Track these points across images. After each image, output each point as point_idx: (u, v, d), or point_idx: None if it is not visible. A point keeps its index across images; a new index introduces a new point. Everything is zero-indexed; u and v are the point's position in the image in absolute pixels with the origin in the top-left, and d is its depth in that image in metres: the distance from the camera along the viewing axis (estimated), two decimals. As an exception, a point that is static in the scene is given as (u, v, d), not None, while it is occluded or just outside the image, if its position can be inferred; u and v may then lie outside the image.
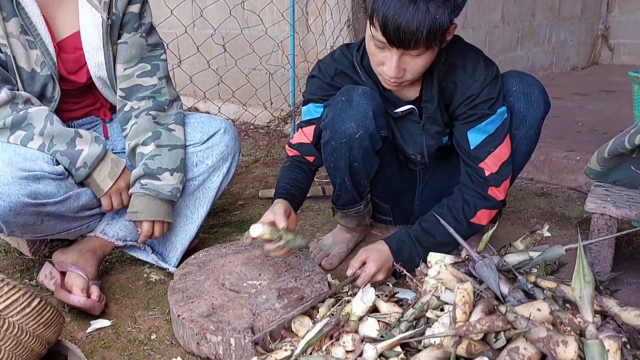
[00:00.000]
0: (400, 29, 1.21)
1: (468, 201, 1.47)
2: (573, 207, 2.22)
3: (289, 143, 1.66)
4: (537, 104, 1.47)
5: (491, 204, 1.47)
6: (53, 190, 1.35)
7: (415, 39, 1.23)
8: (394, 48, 1.27)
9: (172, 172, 1.52)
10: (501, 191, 1.47)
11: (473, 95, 1.41)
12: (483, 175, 1.45)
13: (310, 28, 3.13)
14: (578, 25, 5.35)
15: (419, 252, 1.46)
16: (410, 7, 1.19)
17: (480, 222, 1.47)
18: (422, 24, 1.20)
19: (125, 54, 1.58)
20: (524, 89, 1.47)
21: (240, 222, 2.07)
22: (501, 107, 1.42)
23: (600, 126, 3.05)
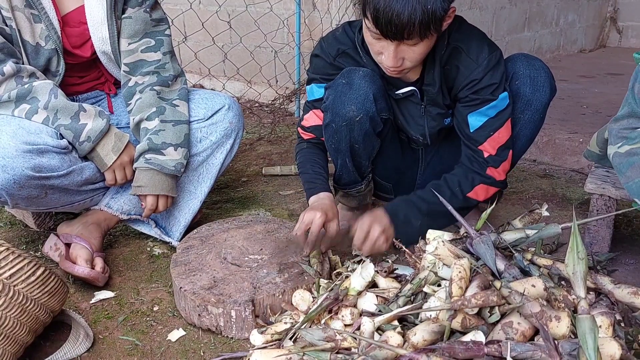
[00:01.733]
0: (392, 21, 1.21)
1: (466, 175, 1.48)
2: (574, 188, 2.22)
3: (301, 126, 1.65)
4: (543, 88, 1.47)
5: (489, 180, 1.48)
6: (57, 163, 1.37)
7: (409, 31, 1.22)
8: (390, 39, 1.27)
9: (176, 147, 1.54)
10: (500, 172, 1.48)
11: (475, 80, 1.40)
12: (482, 157, 1.46)
13: (316, 6, 3.11)
14: (586, 7, 5.29)
15: (415, 214, 1.46)
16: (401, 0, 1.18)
17: (477, 197, 1.48)
18: (414, 15, 1.20)
19: (129, 28, 1.58)
20: (531, 72, 1.46)
21: (244, 199, 2.09)
22: (503, 93, 1.42)
23: (604, 108, 3.04)
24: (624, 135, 1.35)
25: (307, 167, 1.59)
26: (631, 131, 1.34)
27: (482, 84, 1.40)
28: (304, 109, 1.66)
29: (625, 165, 1.33)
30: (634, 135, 1.33)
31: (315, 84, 1.58)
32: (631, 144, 1.33)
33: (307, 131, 1.64)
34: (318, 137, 1.63)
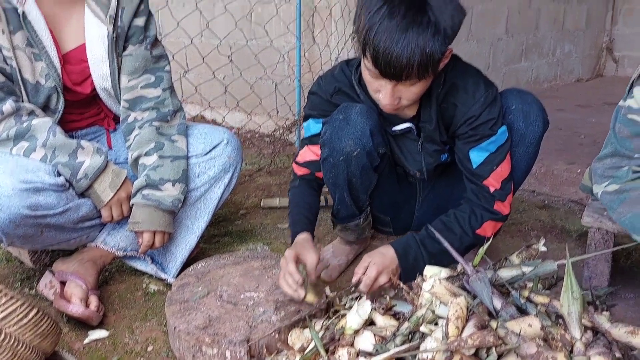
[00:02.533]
0: (391, 63, 1.22)
1: (475, 212, 1.48)
2: (574, 219, 2.22)
3: (296, 161, 1.66)
4: (536, 122, 1.48)
5: (497, 217, 1.49)
6: (53, 201, 1.37)
7: (407, 72, 1.24)
8: (388, 79, 1.28)
9: (174, 183, 1.54)
10: (506, 205, 1.50)
11: (473, 117, 1.42)
12: (489, 192, 1.47)
13: (315, 40, 3.15)
14: (582, 38, 5.35)
15: (424, 257, 1.46)
16: (400, 41, 1.20)
17: (485, 233, 1.48)
18: (413, 58, 1.21)
19: (129, 65, 1.60)
20: (523, 107, 1.48)
21: (242, 232, 2.08)
22: (501, 127, 1.44)
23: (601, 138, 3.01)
24: (610, 174, 1.36)
25: (293, 208, 1.60)
26: (617, 170, 1.35)
27: (481, 120, 1.41)
28: (300, 145, 1.68)
29: (616, 202, 1.34)
30: (620, 174, 1.34)
31: (313, 119, 1.60)
32: (619, 182, 1.34)
33: (302, 166, 1.65)
34: (312, 172, 1.63)
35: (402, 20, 1.20)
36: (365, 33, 1.24)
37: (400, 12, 1.20)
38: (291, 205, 1.62)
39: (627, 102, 1.29)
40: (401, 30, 1.20)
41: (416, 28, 1.20)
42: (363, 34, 1.25)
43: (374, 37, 1.22)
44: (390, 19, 1.20)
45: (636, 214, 1.31)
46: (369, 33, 1.23)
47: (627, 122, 1.29)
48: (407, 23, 1.20)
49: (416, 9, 1.21)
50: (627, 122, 1.29)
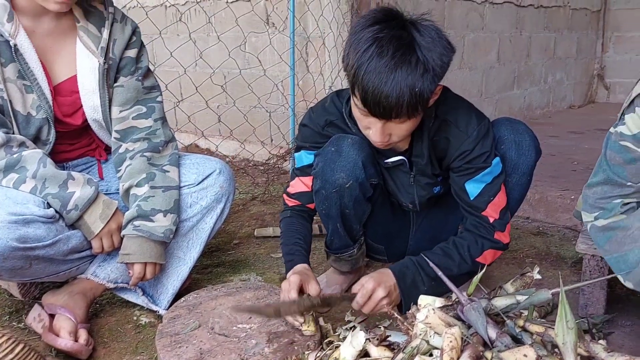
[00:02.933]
0: (380, 102, 1.22)
1: (476, 241, 1.47)
2: (568, 246, 2.21)
3: (287, 193, 1.66)
4: (528, 152, 1.49)
5: (498, 245, 1.49)
6: (43, 233, 1.36)
7: (396, 112, 1.24)
8: (377, 117, 1.28)
9: (165, 214, 1.53)
10: (506, 235, 1.49)
11: (467, 151, 1.42)
12: (488, 222, 1.46)
13: (309, 69, 3.18)
14: (574, 65, 5.42)
15: (423, 279, 1.44)
16: (389, 81, 1.19)
17: (485, 261, 1.47)
18: (402, 97, 1.20)
19: (121, 96, 1.60)
20: (515, 137, 1.48)
21: (235, 262, 2.06)
22: (495, 158, 1.44)
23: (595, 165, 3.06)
24: (600, 205, 1.36)
25: (287, 239, 1.58)
26: (607, 201, 1.34)
27: (474, 154, 1.41)
28: (291, 176, 1.68)
29: (603, 239, 1.34)
30: (610, 206, 1.33)
31: (305, 150, 1.60)
32: (607, 217, 1.33)
33: (293, 198, 1.64)
34: (303, 203, 1.63)
35: (391, 59, 1.19)
36: (354, 72, 1.23)
37: (389, 51, 1.20)
38: (284, 235, 1.61)
39: (619, 129, 1.29)
40: (390, 70, 1.19)
41: (405, 67, 1.19)
42: (352, 72, 1.24)
43: (363, 77, 1.21)
44: (379, 59, 1.20)
45: (622, 256, 1.31)
46: (357, 72, 1.22)
47: (619, 148, 1.29)
48: (395, 62, 1.19)
49: (405, 48, 1.20)
50: (619, 148, 1.29)
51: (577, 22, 5.30)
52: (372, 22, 1.24)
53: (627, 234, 1.30)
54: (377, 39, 1.21)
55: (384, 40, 1.21)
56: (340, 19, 2.99)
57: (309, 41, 3.16)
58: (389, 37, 1.21)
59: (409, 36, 1.22)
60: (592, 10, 5.49)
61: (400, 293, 1.43)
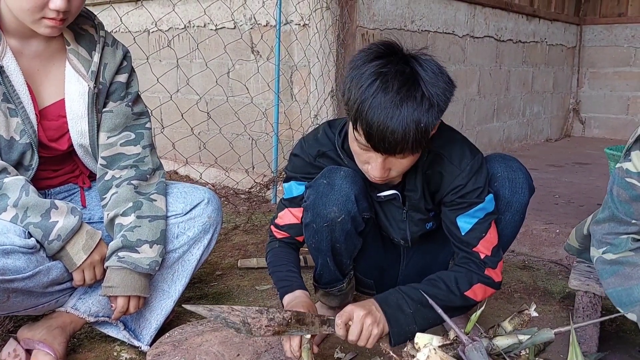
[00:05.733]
0: (386, 138, 1.20)
1: (465, 274, 1.43)
2: (555, 281, 2.20)
3: (275, 224, 1.61)
4: (522, 190, 1.47)
5: (489, 281, 1.44)
6: (22, 265, 1.29)
7: (402, 147, 1.22)
8: (380, 153, 1.26)
9: (151, 245, 1.47)
10: (497, 272, 1.45)
11: (460, 186, 1.40)
12: (479, 258, 1.43)
13: (295, 97, 3.17)
14: (550, 100, 5.55)
15: (407, 302, 1.39)
16: (395, 116, 1.18)
17: (475, 297, 1.43)
18: (408, 133, 1.19)
19: (109, 122, 1.55)
20: (509, 175, 1.47)
21: (218, 295, 2.00)
22: (488, 195, 1.42)
23: (576, 199, 3.10)
24: (608, 241, 1.35)
25: (279, 266, 1.54)
26: (615, 237, 1.34)
27: (467, 189, 1.39)
28: (279, 207, 1.62)
29: (609, 271, 1.33)
30: (617, 242, 1.33)
31: (295, 181, 1.56)
32: (616, 252, 1.33)
33: (281, 230, 1.59)
34: (292, 236, 1.58)
35: (396, 95, 1.18)
36: (358, 107, 1.21)
37: (394, 86, 1.18)
38: (274, 264, 1.56)
39: (625, 165, 1.30)
40: (396, 105, 1.17)
41: (411, 103, 1.18)
42: (355, 107, 1.21)
43: (368, 112, 1.19)
44: (384, 94, 1.18)
45: (626, 289, 1.31)
46: (361, 107, 1.20)
47: (625, 185, 1.29)
48: (401, 98, 1.17)
49: (410, 83, 1.19)
50: (626, 185, 1.29)
51: (553, 58, 5.44)
52: (374, 57, 1.23)
53: (634, 270, 1.29)
54: (381, 73, 1.19)
55: (389, 75, 1.19)
56: (327, 48, 3.00)
57: (296, 69, 3.16)
58: (394, 72, 1.19)
59: (412, 71, 1.20)
60: (567, 47, 5.64)
61: (385, 317, 1.36)
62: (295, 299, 1.45)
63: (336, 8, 2.97)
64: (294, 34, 3.13)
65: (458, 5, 4.04)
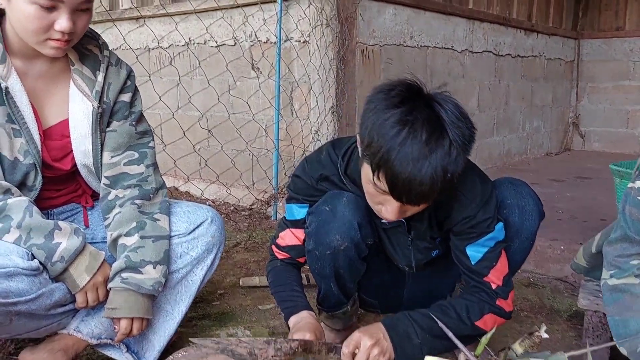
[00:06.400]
0: (412, 190, 1.15)
1: (476, 303, 1.40)
2: (561, 299, 2.18)
3: (276, 244, 1.59)
4: (531, 216, 1.45)
5: (500, 311, 1.41)
6: (26, 287, 1.27)
7: (427, 197, 1.18)
8: (400, 202, 1.20)
9: (155, 265, 1.45)
10: (509, 303, 1.42)
11: (469, 217, 1.36)
12: (490, 288, 1.40)
13: (296, 114, 3.17)
14: (550, 114, 5.56)
15: (416, 330, 1.36)
16: (424, 167, 1.12)
17: (485, 327, 1.39)
18: (436, 184, 1.14)
19: (113, 141, 1.54)
20: (518, 201, 1.44)
21: (221, 314, 1.98)
22: (498, 224, 1.39)
23: (580, 214, 3.08)
24: (618, 264, 1.33)
25: (282, 285, 1.52)
26: (625, 260, 1.32)
27: (477, 220, 1.36)
28: (279, 226, 1.60)
29: (610, 299, 1.32)
30: (625, 267, 1.31)
31: (296, 204, 1.53)
32: (620, 277, 1.31)
33: (283, 251, 1.57)
34: (293, 257, 1.56)
35: (425, 145, 1.12)
36: (382, 157, 1.14)
37: (423, 136, 1.12)
38: (277, 283, 1.55)
39: (637, 184, 1.28)
40: (424, 156, 1.12)
41: (440, 151, 1.13)
42: (379, 157, 1.15)
43: (394, 163, 1.13)
44: (412, 144, 1.12)
45: (623, 320, 1.29)
46: (387, 157, 1.13)
47: (637, 203, 1.27)
48: (430, 148, 1.12)
49: (437, 131, 1.13)
50: (638, 203, 1.27)
51: (552, 72, 5.46)
52: (398, 102, 1.17)
53: (634, 300, 1.27)
54: (408, 122, 1.13)
55: (416, 123, 1.13)
56: (327, 65, 3.01)
57: (297, 86, 3.16)
58: (420, 120, 1.13)
59: (437, 117, 1.15)
60: (566, 61, 5.67)
61: (392, 345, 1.34)
62: (301, 321, 1.43)
63: (336, 25, 2.98)
64: (295, 50, 3.13)
65: (457, 21, 4.06)
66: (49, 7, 1.27)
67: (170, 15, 3.55)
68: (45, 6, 1.27)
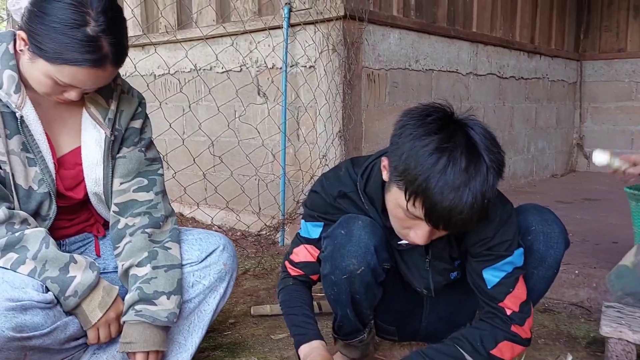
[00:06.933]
0: (451, 218, 1.14)
1: (489, 331, 1.37)
2: (578, 325, 2.14)
3: (289, 260, 1.57)
4: (557, 245, 1.42)
5: (516, 338, 1.38)
6: (40, 321, 1.24)
7: (465, 225, 1.17)
8: (436, 229, 1.20)
9: (169, 296, 1.43)
10: (526, 330, 1.39)
11: (488, 238, 1.34)
12: (505, 314, 1.37)
13: (305, 139, 3.16)
14: (554, 135, 5.56)
15: None
16: (464, 196, 1.11)
17: (502, 355, 1.36)
18: (475, 212, 1.14)
19: (122, 168, 1.53)
20: (544, 229, 1.42)
21: (233, 345, 1.93)
22: (518, 249, 1.36)
23: (591, 236, 3.05)
24: None
25: (293, 308, 1.50)
26: None
27: (495, 241, 1.34)
28: (294, 242, 1.58)
29: None
30: None
31: (311, 222, 1.52)
32: None
33: (296, 267, 1.55)
34: (307, 274, 1.54)
35: (465, 173, 1.12)
36: (420, 185, 1.13)
37: (462, 163, 1.12)
38: (288, 305, 1.52)
39: None
40: (464, 184, 1.11)
41: (479, 179, 1.12)
42: (417, 184, 1.14)
43: (434, 191, 1.12)
44: (452, 172, 1.11)
45: None
46: (425, 185, 1.13)
47: None
48: (470, 175, 1.12)
49: (475, 158, 1.13)
50: None
51: (555, 94, 5.48)
52: (436, 128, 1.16)
53: None
54: (446, 149, 1.13)
55: (455, 151, 1.12)
56: (334, 89, 3.01)
57: (305, 112, 3.16)
58: (459, 147, 1.13)
59: (473, 142, 1.15)
60: (568, 82, 5.68)
61: None
62: (312, 351, 1.40)
63: (342, 50, 2.99)
64: (302, 75, 3.14)
65: (461, 44, 4.08)
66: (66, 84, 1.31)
67: (177, 42, 3.57)
68: (60, 84, 1.30)
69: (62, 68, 1.26)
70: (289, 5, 3.08)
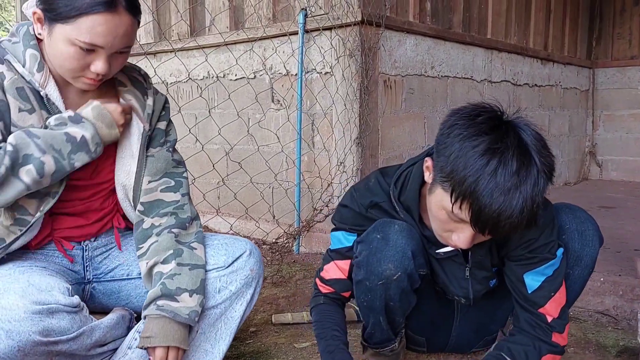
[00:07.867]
0: (500, 223, 1.10)
1: (533, 345, 1.33)
2: (605, 333, 2.09)
3: (320, 277, 1.54)
4: (592, 242, 1.39)
5: (557, 350, 1.34)
6: (67, 325, 1.21)
7: (513, 231, 1.13)
8: (481, 233, 1.16)
9: (191, 294, 1.40)
10: (564, 337, 1.35)
11: (532, 239, 1.31)
12: (546, 322, 1.33)
13: (324, 145, 3.13)
14: (567, 142, 5.51)
15: None
16: (515, 200, 1.07)
17: None
18: (524, 216, 1.09)
19: (151, 166, 1.52)
20: (578, 226, 1.39)
21: (256, 354, 1.89)
22: (559, 249, 1.33)
23: (611, 244, 3.00)
24: None
25: (324, 329, 1.46)
26: None
27: (539, 243, 1.30)
28: (324, 258, 1.55)
29: None
30: None
31: (344, 232, 1.48)
32: None
33: (327, 284, 1.51)
34: (338, 291, 1.50)
35: (516, 175, 1.07)
36: (468, 187, 1.09)
37: (514, 165, 1.08)
38: (319, 326, 1.48)
39: None
40: (515, 187, 1.07)
41: (530, 181, 1.08)
42: (465, 186, 1.10)
43: (483, 194, 1.08)
44: (503, 174, 1.07)
45: None
46: (474, 188, 1.09)
47: None
48: (521, 178, 1.08)
49: (527, 160, 1.09)
50: None
51: (568, 101, 5.44)
52: (487, 129, 1.12)
53: None
54: (497, 150, 1.09)
55: (506, 152, 1.08)
56: (351, 95, 2.98)
57: (322, 117, 3.13)
58: (511, 149, 1.09)
59: (524, 144, 1.11)
60: (581, 90, 5.65)
61: None
62: None
63: (359, 55, 2.97)
64: (319, 81, 3.11)
65: (476, 51, 4.05)
66: (88, 49, 1.28)
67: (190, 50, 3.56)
68: (84, 48, 1.28)
69: (78, 24, 1.25)
70: (305, 11, 3.06)
